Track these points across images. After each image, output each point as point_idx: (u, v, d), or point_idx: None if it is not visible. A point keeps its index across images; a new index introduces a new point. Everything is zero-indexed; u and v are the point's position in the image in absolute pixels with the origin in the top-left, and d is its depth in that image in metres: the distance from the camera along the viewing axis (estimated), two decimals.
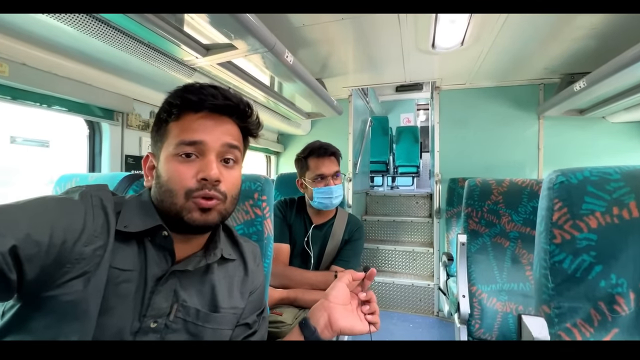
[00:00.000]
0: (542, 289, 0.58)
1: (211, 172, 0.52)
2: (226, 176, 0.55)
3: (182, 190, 0.52)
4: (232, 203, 0.57)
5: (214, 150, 0.54)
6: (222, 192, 0.54)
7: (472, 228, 1.42)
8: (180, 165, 0.53)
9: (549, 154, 2.42)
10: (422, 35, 1.59)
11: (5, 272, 0.38)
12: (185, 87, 0.56)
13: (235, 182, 0.58)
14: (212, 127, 0.55)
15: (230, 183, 0.56)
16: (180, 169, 0.53)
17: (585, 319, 0.54)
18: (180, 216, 0.52)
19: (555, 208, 0.58)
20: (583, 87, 1.64)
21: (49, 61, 1.14)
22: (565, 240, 0.56)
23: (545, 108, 2.28)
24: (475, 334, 1.28)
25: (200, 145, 0.53)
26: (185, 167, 0.53)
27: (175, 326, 0.53)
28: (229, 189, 0.55)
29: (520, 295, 1.27)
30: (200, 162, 0.53)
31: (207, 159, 0.53)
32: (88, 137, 1.38)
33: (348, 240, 1.40)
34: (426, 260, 2.86)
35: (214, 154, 0.54)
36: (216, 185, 0.53)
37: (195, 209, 0.52)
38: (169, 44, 1.15)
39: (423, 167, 5.90)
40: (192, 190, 0.52)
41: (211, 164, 0.53)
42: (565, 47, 1.81)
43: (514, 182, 1.39)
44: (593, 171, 0.57)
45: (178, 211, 0.52)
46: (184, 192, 0.52)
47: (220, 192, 0.53)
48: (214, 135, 0.54)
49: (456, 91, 2.62)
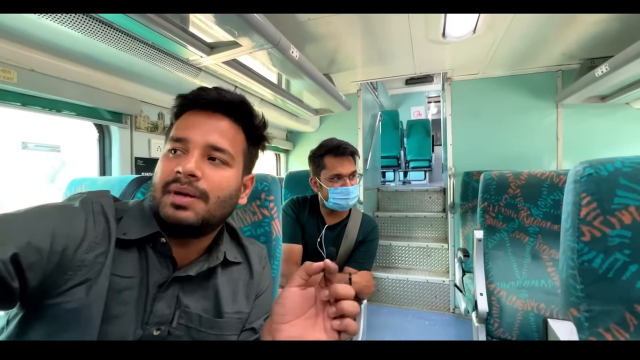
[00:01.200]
0: (569, 290, 0.54)
1: (187, 165, 0.50)
2: (209, 173, 0.53)
3: (160, 184, 0.51)
4: (217, 205, 0.54)
5: (197, 147, 0.53)
6: (200, 190, 0.51)
7: (488, 223, 1.36)
8: (165, 161, 0.53)
9: (569, 144, 2.31)
10: (432, 24, 1.54)
11: (7, 280, 0.38)
12: (192, 91, 0.57)
13: (220, 182, 0.54)
14: (201, 124, 0.54)
15: (215, 182, 0.53)
16: (164, 164, 0.53)
17: (619, 323, 0.49)
18: (158, 211, 0.51)
19: (583, 203, 0.53)
20: (605, 72, 1.55)
21: (56, 66, 1.15)
22: (595, 238, 0.52)
23: (563, 96, 2.18)
24: (495, 333, 1.23)
25: (185, 142, 0.53)
26: (169, 162, 0.53)
27: (178, 333, 0.52)
28: (211, 188, 0.52)
29: (542, 293, 1.22)
30: (184, 158, 0.52)
31: (189, 155, 0.52)
32: (98, 140, 1.39)
33: (362, 242, 1.37)
34: (441, 256, 2.80)
35: (197, 151, 0.52)
36: (192, 181, 0.50)
37: (168, 204, 0.50)
38: (173, 44, 1.14)
39: (435, 161, 5.80)
40: (168, 182, 0.51)
41: (190, 158, 0.51)
42: (584, 30, 1.71)
43: (533, 174, 1.33)
44: (625, 162, 0.52)
45: (157, 206, 0.51)
46: (161, 186, 0.51)
47: (197, 189, 0.51)
48: (200, 132, 0.53)
49: (469, 82, 2.53)
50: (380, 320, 2.45)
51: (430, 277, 2.67)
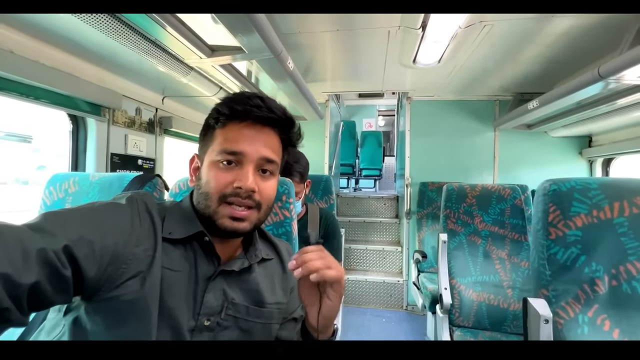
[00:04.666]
0: (540, 276, 0.71)
1: (247, 182, 0.54)
2: (262, 186, 0.58)
3: (217, 195, 0.55)
4: (265, 212, 0.60)
5: (252, 162, 0.56)
6: (256, 201, 0.57)
7: (450, 227, 1.59)
8: (219, 172, 0.56)
9: (503, 162, 2.75)
10: (407, 51, 1.74)
11: (59, 268, 0.40)
12: (234, 96, 0.59)
13: (270, 192, 0.60)
14: (253, 138, 0.57)
15: (266, 193, 0.59)
16: (218, 174, 0.56)
17: (574, 298, 0.68)
18: (213, 219, 0.55)
19: (550, 210, 0.71)
20: (535, 106, 1.93)
21: (36, 49, 1.06)
22: (558, 236, 0.70)
23: (500, 122, 2.60)
24: (455, 322, 1.44)
25: (240, 156, 0.56)
26: (224, 174, 0.55)
27: (226, 323, 0.57)
28: (264, 198, 0.58)
29: (492, 286, 1.46)
30: (239, 171, 0.56)
31: (245, 169, 0.56)
32: (71, 133, 1.28)
33: (325, 237, 1.39)
34: (395, 258, 3.06)
35: (252, 165, 0.56)
36: (251, 195, 0.56)
37: (227, 216, 0.55)
38: (174, 41, 1.12)
39: (385, 170, 6.23)
40: (226, 195, 0.55)
41: (248, 174, 0.55)
42: (517, 70, 2.10)
43: (485, 187, 1.60)
44: (578, 181, 0.72)
45: (211, 214, 0.55)
46: (218, 197, 0.55)
47: (254, 201, 0.56)
48: (254, 146, 0.57)
49: (426, 102, 2.85)
50: (344, 320, 2.58)
51: (386, 278, 2.90)
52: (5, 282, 0.34)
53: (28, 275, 0.36)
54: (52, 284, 0.39)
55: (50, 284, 0.39)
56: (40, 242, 0.38)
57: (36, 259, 0.37)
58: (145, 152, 1.61)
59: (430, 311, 2.00)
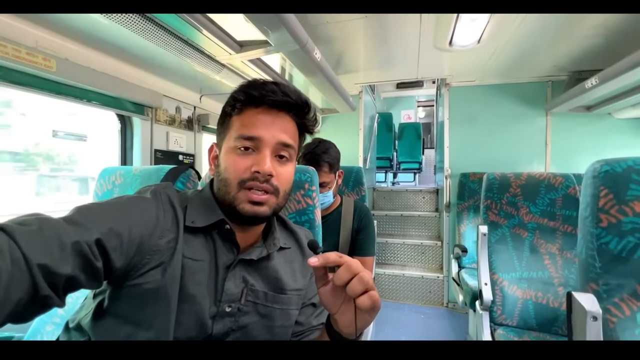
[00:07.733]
0: (589, 268, 0.63)
1: (265, 166, 0.55)
2: (279, 171, 0.58)
3: (236, 181, 0.56)
4: (284, 197, 0.60)
5: (269, 146, 0.57)
6: (274, 186, 0.57)
7: (491, 219, 1.47)
8: (237, 157, 0.57)
9: (556, 149, 2.49)
10: (442, 33, 1.64)
11: (91, 260, 0.43)
12: (249, 82, 0.59)
13: (288, 177, 0.61)
14: (269, 123, 0.58)
15: (283, 178, 0.59)
16: (237, 160, 0.56)
17: (631, 294, 0.59)
18: (233, 205, 0.56)
19: (601, 195, 0.63)
20: (595, 84, 1.70)
21: (87, 56, 1.17)
22: (611, 224, 0.62)
23: (553, 105, 2.35)
24: (497, 320, 1.34)
25: (257, 141, 0.56)
26: (242, 159, 0.56)
27: (246, 309, 0.58)
28: (281, 183, 0.58)
29: (540, 283, 1.34)
30: (256, 156, 0.56)
31: (262, 154, 0.56)
32: (120, 131, 1.41)
33: (358, 230, 1.38)
34: (434, 253, 2.93)
35: (269, 150, 0.57)
36: (268, 179, 0.56)
37: (246, 200, 0.55)
38: (204, 38, 1.17)
39: (425, 164, 5.98)
40: (244, 180, 0.55)
41: (265, 158, 0.56)
42: (574, 45, 1.87)
43: (532, 175, 1.45)
44: (636, 160, 0.62)
45: (231, 200, 0.56)
46: (237, 182, 0.56)
47: (272, 186, 0.57)
48: (271, 131, 0.57)
49: (466, 88, 2.67)
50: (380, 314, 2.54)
51: (425, 273, 2.79)
52: (45, 272, 0.38)
53: (65, 266, 0.39)
54: (85, 274, 0.42)
55: (84, 273, 0.42)
56: (75, 235, 0.41)
57: (71, 250, 0.40)
58: (185, 148, 1.72)
59: (471, 308, 1.89)
